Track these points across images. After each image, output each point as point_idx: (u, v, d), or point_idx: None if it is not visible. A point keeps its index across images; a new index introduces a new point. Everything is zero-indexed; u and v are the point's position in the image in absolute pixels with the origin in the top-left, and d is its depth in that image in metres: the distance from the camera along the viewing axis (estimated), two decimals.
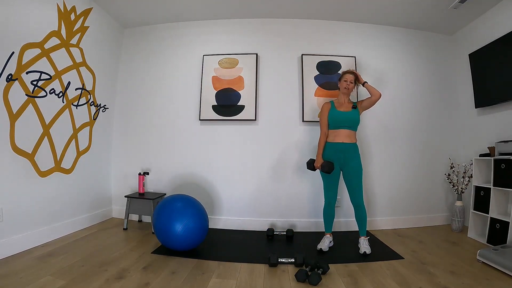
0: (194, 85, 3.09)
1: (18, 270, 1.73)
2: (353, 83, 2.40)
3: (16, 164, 2.04)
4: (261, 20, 3.10)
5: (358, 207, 2.31)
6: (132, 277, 1.71)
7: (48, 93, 2.29)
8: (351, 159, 2.31)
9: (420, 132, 3.10)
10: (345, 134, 2.33)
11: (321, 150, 2.38)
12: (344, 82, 2.39)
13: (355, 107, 2.38)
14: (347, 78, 2.39)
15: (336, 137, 2.34)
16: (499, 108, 2.67)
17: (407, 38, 3.17)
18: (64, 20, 2.43)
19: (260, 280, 1.75)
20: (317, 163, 2.36)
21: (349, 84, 2.38)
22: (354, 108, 2.37)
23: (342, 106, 2.40)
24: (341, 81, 2.43)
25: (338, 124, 2.34)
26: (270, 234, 2.63)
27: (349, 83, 2.38)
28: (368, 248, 2.21)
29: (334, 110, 2.39)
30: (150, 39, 3.24)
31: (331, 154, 2.35)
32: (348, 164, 2.31)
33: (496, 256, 1.88)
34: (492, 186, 2.40)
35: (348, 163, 2.31)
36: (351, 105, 2.39)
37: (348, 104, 2.41)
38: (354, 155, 2.32)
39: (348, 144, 2.32)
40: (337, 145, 2.33)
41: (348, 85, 2.38)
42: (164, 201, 2.19)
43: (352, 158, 2.31)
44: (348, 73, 2.41)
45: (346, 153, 2.32)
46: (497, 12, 2.66)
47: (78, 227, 2.65)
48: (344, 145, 2.32)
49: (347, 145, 2.32)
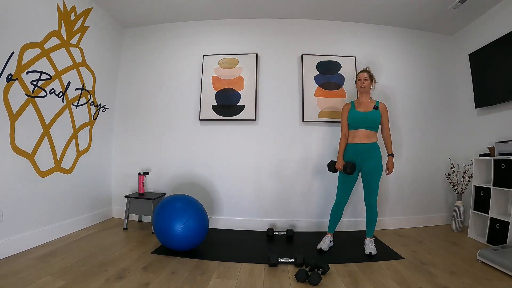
0: (194, 85, 3.09)
1: (18, 270, 1.73)
2: (368, 80, 2.35)
3: (16, 164, 2.04)
4: (261, 20, 3.10)
5: (369, 207, 2.29)
6: (132, 277, 1.71)
7: (48, 93, 2.29)
8: (370, 159, 2.26)
9: (420, 132, 3.10)
10: (364, 134, 2.29)
11: (342, 151, 2.36)
12: (359, 81, 2.38)
13: (376, 108, 2.31)
14: (360, 76, 2.38)
15: (355, 138, 2.31)
16: (499, 108, 2.67)
17: (407, 38, 3.17)
18: (64, 20, 2.43)
19: (260, 280, 1.75)
20: (339, 165, 2.32)
21: (364, 82, 2.34)
22: (375, 109, 2.30)
23: (361, 106, 2.36)
24: (356, 81, 2.43)
25: (356, 125, 2.31)
26: (270, 234, 2.63)
27: (363, 80, 2.35)
28: (374, 249, 2.21)
29: (353, 110, 2.36)
30: (150, 39, 3.24)
31: (350, 156, 2.32)
32: (367, 163, 2.27)
33: (496, 256, 1.88)
34: (492, 186, 2.40)
35: (367, 162, 2.27)
36: (372, 105, 2.33)
37: (369, 103, 2.35)
38: (373, 155, 2.27)
39: (367, 144, 2.28)
40: (355, 146, 2.30)
41: (362, 83, 2.34)
42: (164, 201, 2.19)
43: (370, 157, 2.26)
44: (361, 72, 2.40)
45: (365, 153, 2.27)
46: (497, 12, 2.66)
47: (78, 227, 2.65)
48: (362, 145, 2.28)
49: (366, 146, 2.27)
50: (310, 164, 2.94)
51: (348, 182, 2.33)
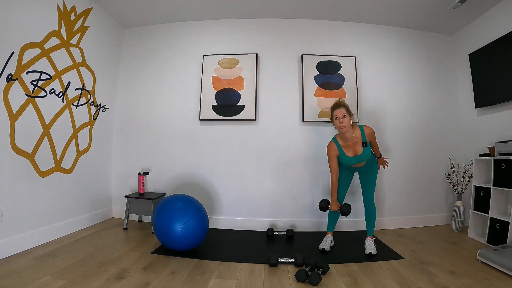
0: (194, 85, 3.09)
1: (18, 270, 1.73)
2: (347, 116, 2.06)
3: (16, 164, 2.04)
4: (261, 20, 3.10)
5: (368, 203, 2.31)
6: (132, 277, 1.71)
7: (48, 93, 2.29)
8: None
9: (420, 132, 3.10)
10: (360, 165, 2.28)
11: (335, 193, 2.22)
12: (336, 120, 2.07)
13: (365, 144, 2.13)
14: (337, 114, 2.06)
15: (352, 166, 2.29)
16: (499, 108, 2.67)
17: (407, 38, 3.17)
18: (64, 20, 2.43)
19: (260, 280, 1.75)
20: (334, 207, 2.22)
21: (343, 120, 2.05)
22: (364, 146, 2.13)
23: (349, 149, 2.16)
24: (333, 120, 2.12)
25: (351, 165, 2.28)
26: (270, 234, 2.63)
27: (341, 119, 2.05)
28: (374, 248, 2.20)
29: (343, 156, 2.18)
30: (150, 39, 3.24)
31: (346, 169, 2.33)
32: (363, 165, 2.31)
33: (496, 256, 1.88)
34: (492, 186, 2.40)
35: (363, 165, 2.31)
36: (359, 142, 2.13)
37: (356, 141, 2.14)
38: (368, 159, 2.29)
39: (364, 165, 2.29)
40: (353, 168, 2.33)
41: (341, 122, 2.05)
42: (164, 201, 2.19)
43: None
44: (336, 109, 2.08)
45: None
46: (497, 12, 2.66)
47: (78, 227, 2.65)
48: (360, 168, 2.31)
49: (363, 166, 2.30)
50: (310, 164, 2.94)
51: (343, 182, 2.35)
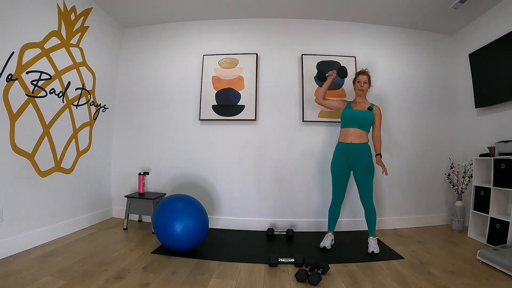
0: (194, 85, 3.09)
1: (18, 270, 1.73)
2: (367, 83, 2.38)
3: (16, 164, 2.04)
4: (261, 20, 3.10)
5: (367, 207, 2.30)
6: (132, 277, 1.71)
7: (48, 93, 2.29)
8: (361, 160, 2.28)
9: (420, 132, 3.10)
10: (355, 133, 2.31)
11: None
12: (358, 83, 2.39)
13: (370, 109, 2.34)
14: (360, 79, 2.38)
15: (346, 137, 2.33)
16: (499, 108, 2.67)
17: (407, 38, 3.17)
18: (64, 20, 2.43)
19: (260, 280, 1.75)
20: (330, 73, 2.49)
21: (363, 85, 2.36)
22: (369, 110, 2.34)
23: (356, 106, 2.40)
24: (355, 82, 2.42)
25: (348, 122, 2.34)
26: (270, 234, 2.63)
27: (362, 83, 2.36)
28: (377, 247, 2.21)
29: (348, 108, 2.40)
30: (150, 39, 3.24)
31: (341, 155, 2.35)
32: (358, 164, 2.29)
33: (496, 256, 1.88)
34: (492, 186, 2.40)
35: (358, 163, 2.29)
36: (367, 106, 2.36)
37: (364, 104, 2.39)
38: (364, 155, 2.28)
39: (358, 144, 2.30)
40: (346, 145, 2.33)
41: (362, 86, 2.36)
42: (164, 201, 2.19)
43: (361, 158, 2.28)
44: (361, 74, 2.40)
45: (356, 153, 2.29)
46: (497, 12, 2.66)
47: (78, 227, 2.65)
48: (353, 145, 2.30)
49: (357, 146, 2.29)
50: (310, 164, 2.94)
51: (340, 180, 2.36)
